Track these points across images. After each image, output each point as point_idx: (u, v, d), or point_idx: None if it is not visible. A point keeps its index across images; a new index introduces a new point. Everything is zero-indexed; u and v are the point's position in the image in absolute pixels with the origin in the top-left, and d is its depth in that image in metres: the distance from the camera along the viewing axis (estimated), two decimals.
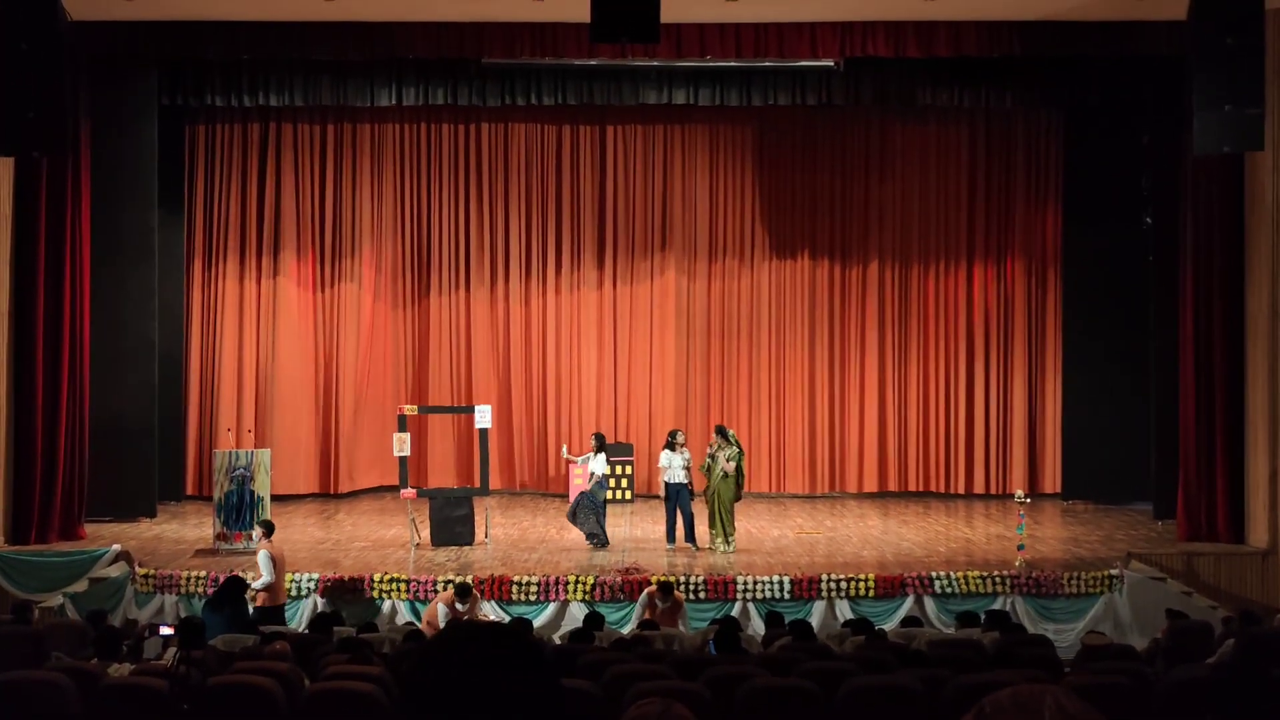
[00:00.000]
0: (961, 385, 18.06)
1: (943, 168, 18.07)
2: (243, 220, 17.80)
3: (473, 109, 17.27)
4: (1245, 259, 13.92)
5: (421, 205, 18.06)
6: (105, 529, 14.53)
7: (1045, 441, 17.89)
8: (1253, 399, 13.78)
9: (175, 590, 12.39)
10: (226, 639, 9.21)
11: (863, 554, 13.78)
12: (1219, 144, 11.47)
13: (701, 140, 18.05)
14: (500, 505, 16.84)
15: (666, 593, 11.16)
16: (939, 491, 17.94)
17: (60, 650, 8.35)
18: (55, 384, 14.05)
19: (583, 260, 18.10)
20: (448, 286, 18.07)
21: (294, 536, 14.59)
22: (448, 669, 1.94)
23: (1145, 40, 13.91)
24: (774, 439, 18.10)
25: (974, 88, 16.16)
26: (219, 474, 13.72)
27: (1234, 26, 11.14)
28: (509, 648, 1.97)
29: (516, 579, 12.28)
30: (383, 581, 12.31)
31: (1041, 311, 18.00)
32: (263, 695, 6.74)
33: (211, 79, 15.98)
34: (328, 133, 17.83)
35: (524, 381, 18.12)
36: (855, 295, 18.11)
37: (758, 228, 18.17)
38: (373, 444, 17.80)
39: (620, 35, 10.57)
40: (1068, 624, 12.28)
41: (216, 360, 17.78)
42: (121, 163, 15.33)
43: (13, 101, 11.30)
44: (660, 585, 11.28)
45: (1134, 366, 16.47)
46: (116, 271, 15.31)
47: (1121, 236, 16.74)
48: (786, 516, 16.37)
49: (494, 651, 1.97)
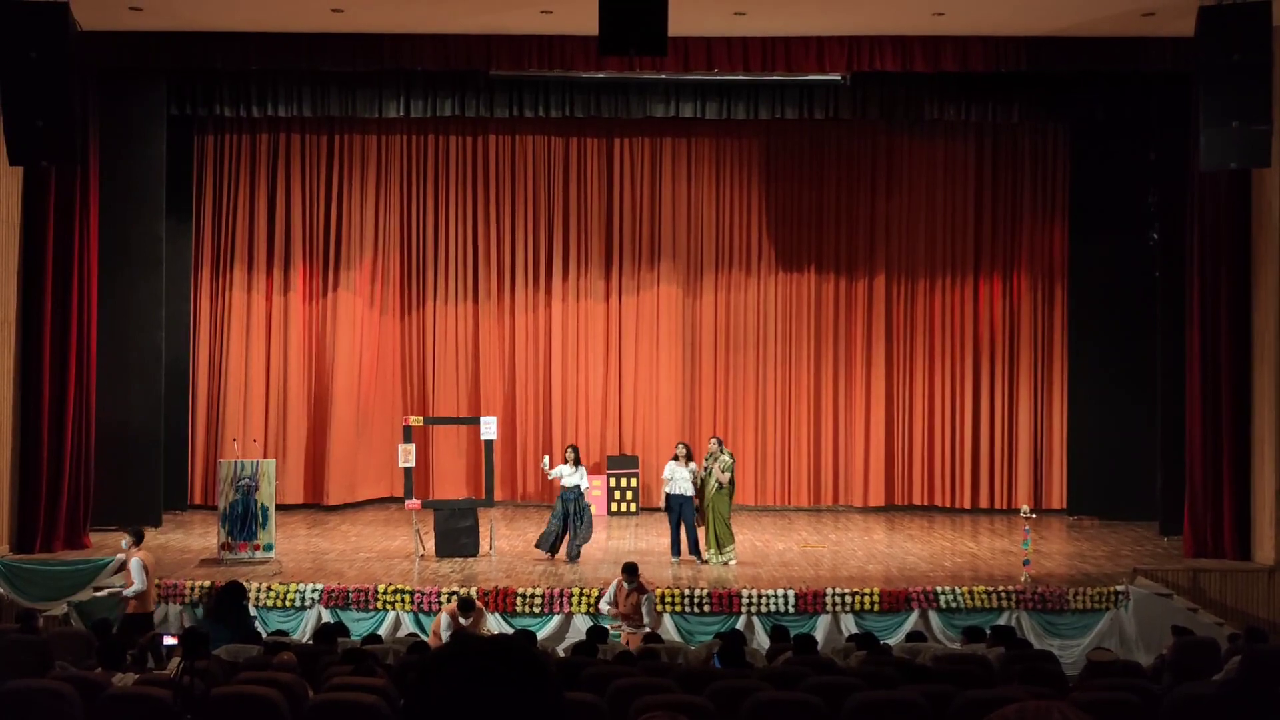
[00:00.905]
0: (967, 400, 18.05)
1: (949, 182, 18.09)
2: (251, 230, 17.85)
3: (480, 120, 17.32)
4: (1252, 275, 13.91)
5: (428, 216, 18.09)
6: (110, 538, 14.52)
7: (1051, 456, 17.86)
8: (1259, 415, 13.76)
9: (180, 600, 12.39)
10: (231, 649, 9.21)
11: (868, 568, 13.75)
12: (1225, 160, 11.48)
13: (708, 153, 18.08)
14: (505, 517, 16.84)
15: (467, 609, 10.79)
16: (944, 506, 17.92)
17: (65, 659, 8.35)
18: (62, 392, 14.07)
19: (589, 272, 18.11)
20: (454, 298, 18.09)
21: (297, 547, 14.60)
22: (450, 683, 1.93)
23: (1152, 57, 13.93)
24: (780, 452, 18.08)
25: (981, 103, 16.18)
26: (224, 484, 13.73)
27: (1241, 43, 11.16)
28: (513, 661, 1.96)
29: (521, 591, 12.27)
30: (386, 593, 12.31)
31: (1048, 326, 17.99)
32: (267, 706, 6.73)
33: (220, 89, 16.03)
34: (335, 143, 17.88)
35: (530, 393, 18.12)
36: (861, 308, 18.11)
37: (764, 241, 18.18)
38: (373, 455, 17.81)
39: (628, 48, 10.59)
40: (1073, 640, 12.25)
41: (223, 370, 17.81)
42: (130, 173, 15.38)
43: (22, 111, 11.35)
44: (460, 602, 10.90)
45: (1140, 382, 16.45)
46: (124, 281, 15.35)
47: (1128, 252, 16.73)
48: (792, 530, 16.35)
49: (497, 665, 1.95)
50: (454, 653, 1.98)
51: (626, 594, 11.36)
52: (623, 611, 11.40)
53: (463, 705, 1.91)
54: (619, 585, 11.52)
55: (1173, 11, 12.72)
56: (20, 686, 6.81)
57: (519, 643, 2.02)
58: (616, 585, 11.57)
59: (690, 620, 12.24)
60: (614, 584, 11.65)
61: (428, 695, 1.93)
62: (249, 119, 17.09)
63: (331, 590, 12.38)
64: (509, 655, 1.97)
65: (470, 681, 1.93)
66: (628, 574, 11.44)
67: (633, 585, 11.37)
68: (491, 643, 1.98)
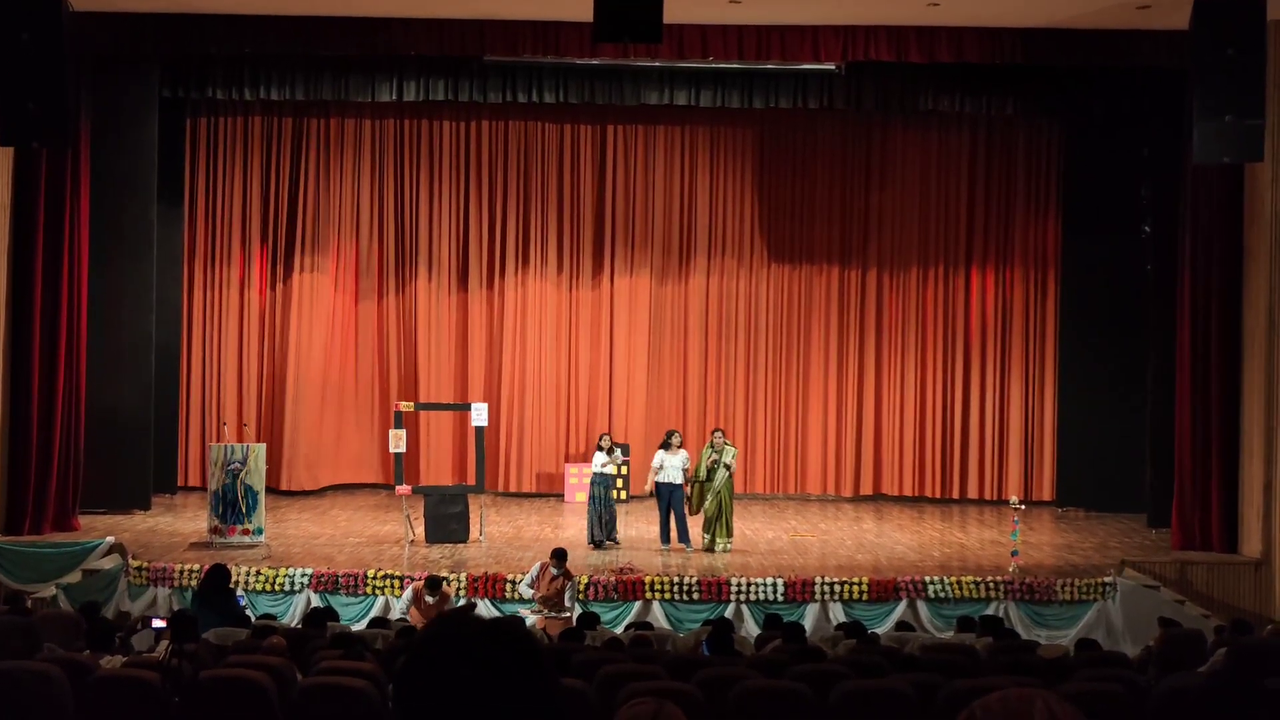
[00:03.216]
0: (958, 391, 18.07)
1: (943, 174, 18.08)
2: (243, 214, 17.80)
3: (474, 105, 17.26)
4: (1243, 270, 13.93)
5: (420, 202, 18.03)
6: (99, 521, 14.52)
7: (1041, 448, 17.90)
8: (1248, 410, 13.80)
9: (169, 583, 12.39)
10: (219, 633, 9.21)
11: (857, 557, 13.79)
12: (1219, 154, 11.49)
13: (702, 142, 18.05)
14: (495, 503, 16.84)
15: (434, 588, 11.20)
16: (934, 496, 17.95)
17: (53, 641, 8.34)
18: (51, 375, 14.04)
19: (581, 260, 18.08)
20: (444, 284, 18.05)
21: (287, 532, 14.60)
22: (442, 668, 1.87)
23: (1147, 50, 13.93)
24: (770, 442, 18.10)
25: (975, 94, 16.17)
26: (214, 467, 13.72)
27: (1235, 38, 11.15)
28: (507, 645, 1.90)
29: (510, 577, 12.28)
30: (376, 577, 12.32)
31: (1040, 319, 18.01)
32: (255, 689, 6.74)
33: (213, 73, 15.96)
34: (328, 127, 17.82)
35: (518, 380, 18.10)
36: (853, 299, 18.12)
37: (757, 230, 18.17)
38: (363, 440, 17.83)
39: (623, 35, 10.57)
40: (1060, 630, 12.29)
41: (213, 354, 17.78)
42: (121, 155, 15.31)
43: (13, 92, 11.29)
44: (429, 580, 11.33)
45: (1131, 375, 16.49)
46: (115, 264, 15.30)
47: (1120, 246, 16.75)
48: (781, 519, 16.37)
49: (491, 649, 1.88)
50: (446, 634, 1.92)
51: (551, 578, 11.44)
52: (544, 594, 11.45)
53: (455, 689, 1.86)
54: (544, 568, 11.58)
55: (1168, 5, 12.71)
56: (8, 668, 6.81)
57: (513, 625, 1.96)
58: (541, 567, 11.63)
59: (679, 608, 12.26)
60: (537, 565, 11.72)
61: (418, 681, 1.88)
62: (242, 102, 17.03)
63: (321, 575, 12.38)
64: (504, 639, 1.92)
65: (462, 665, 1.87)
66: (556, 559, 11.50)
67: (560, 571, 11.44)
68: (485, 625, 1.93)
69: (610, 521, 14.10)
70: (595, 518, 14.00)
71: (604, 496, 14.04)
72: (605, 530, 14.01)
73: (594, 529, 13.99)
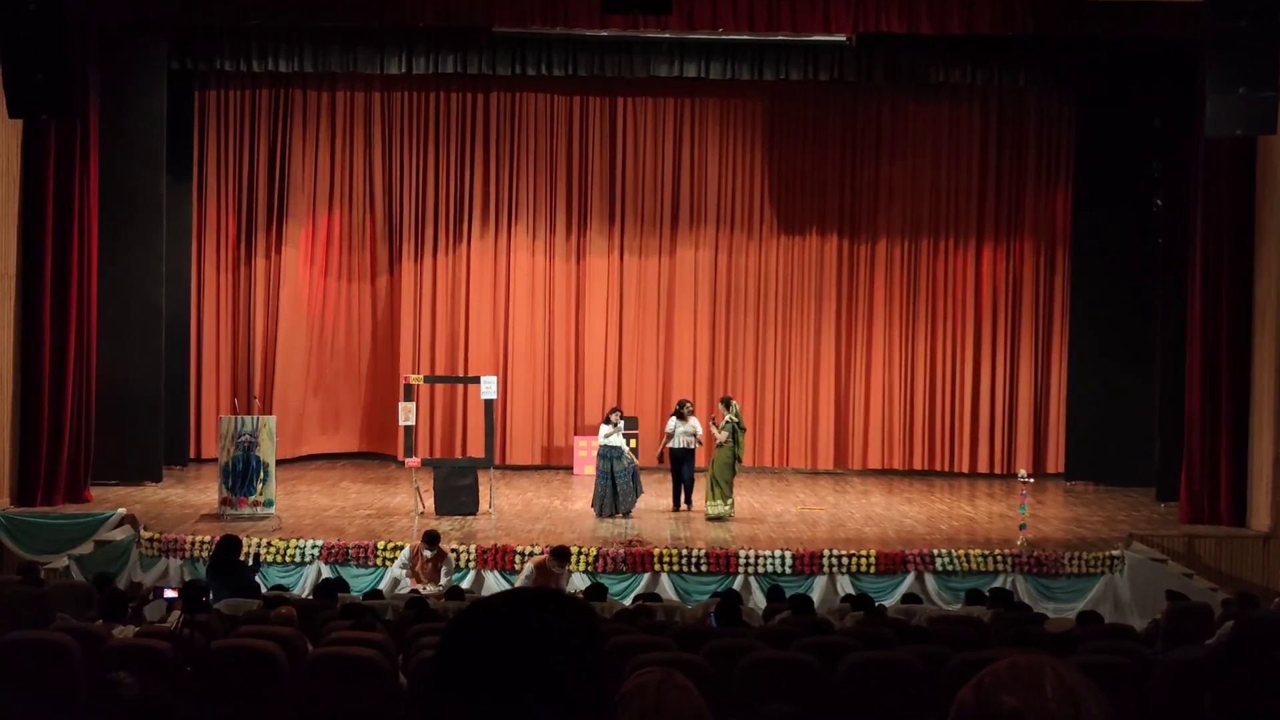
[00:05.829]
0: (968, 365, 18.05)
1: (954, 146, 18.00)
2: (252, 186, 17.78)
3: (483, 78, 17.20)
4: (1255, 243, 13.87)
5: (428, 174, 17.98)
6: (111, 492, 14.59)
7: (1050, 422, 17.88)
8: (1258, 384, 13.77)
9: (180, 554, 12.45)
10: (231, 603, 9.27)
11: (865, 530, 13.81)
12: (1231, 127, 11.43)
13: (712, 114, 17.98)
14: (504, 476, 16.86)
15: (432, 543, 11.49)
16: (943, 470, 17.95)
17: (65, 612, 8.40)
18: (62, 347, 14.07)
19: (590, 232, 18.05)
20: (455, 255, 18.04)
21: (298, 503, 14.66)
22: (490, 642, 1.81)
23: (1159, 22, 13.82)
24: (779, 414, 18.10)
25: (986, 67, 16.09)
26: (224, 439, 13.77)
27: (1249, 9, 11.08)
28: (567, 618, 1.82)
29: (520, 549, 12.32)
30: (386, 549, 12.37)
31: (1049, 292, 17.96)
32: (266, 659, 6.79)
33: (221, 44, 15.93)
34: (337, 99, 17.78)
35: (528, 353, 18.10)
36: (864, 272, 18.07)
37: (767, 202, 18.12)
38: (376, 411, 17.88)
39: (633, 7, 10.54)
40: (1068, 603, 12.31)
41: (224, 326, 17.81)
42: (130, 127, 15.31)
43: (21, 63, 11.29)
44: (426, 535, 11.66)
45: (1140, 348, 16.44)
46: (124, 236, 15.32)
47: (1131, 219, 16.67)
48: (790, 492, 16.40)
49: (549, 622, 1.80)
50: (506, 600, 1.87)
51: (425, 561, 11.59)
52: (421, 576, 11.57)
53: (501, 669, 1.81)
54: (416, 552, 11.68)
55: None
56: (21, 638, 6.86)
57: (573, 598, 1.93)
58: (412, 551, 11.75)
59: (688, 580, 12.31)
60: (408, 549, 11.85)
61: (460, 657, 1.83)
62: (250, 74, 17.00)
63: (331, 546, 12.44)
64: (564, 611, 1.87)
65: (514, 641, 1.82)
66: (428, 543, 11.60)
67: (433, 554, 11.58)
68: (543, 597, 1.89)
69: (624, 497, 14.08)
70: (603, 491, 14.03)
71: (612, 470, 14.05)
72: (615, 504, 14.01)
73: (602, 502, 14.02)
